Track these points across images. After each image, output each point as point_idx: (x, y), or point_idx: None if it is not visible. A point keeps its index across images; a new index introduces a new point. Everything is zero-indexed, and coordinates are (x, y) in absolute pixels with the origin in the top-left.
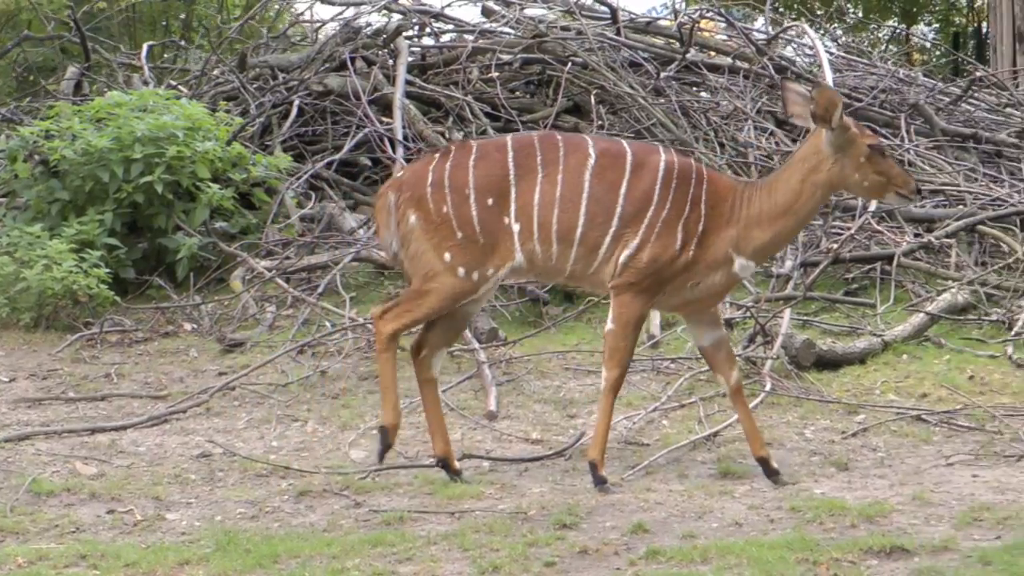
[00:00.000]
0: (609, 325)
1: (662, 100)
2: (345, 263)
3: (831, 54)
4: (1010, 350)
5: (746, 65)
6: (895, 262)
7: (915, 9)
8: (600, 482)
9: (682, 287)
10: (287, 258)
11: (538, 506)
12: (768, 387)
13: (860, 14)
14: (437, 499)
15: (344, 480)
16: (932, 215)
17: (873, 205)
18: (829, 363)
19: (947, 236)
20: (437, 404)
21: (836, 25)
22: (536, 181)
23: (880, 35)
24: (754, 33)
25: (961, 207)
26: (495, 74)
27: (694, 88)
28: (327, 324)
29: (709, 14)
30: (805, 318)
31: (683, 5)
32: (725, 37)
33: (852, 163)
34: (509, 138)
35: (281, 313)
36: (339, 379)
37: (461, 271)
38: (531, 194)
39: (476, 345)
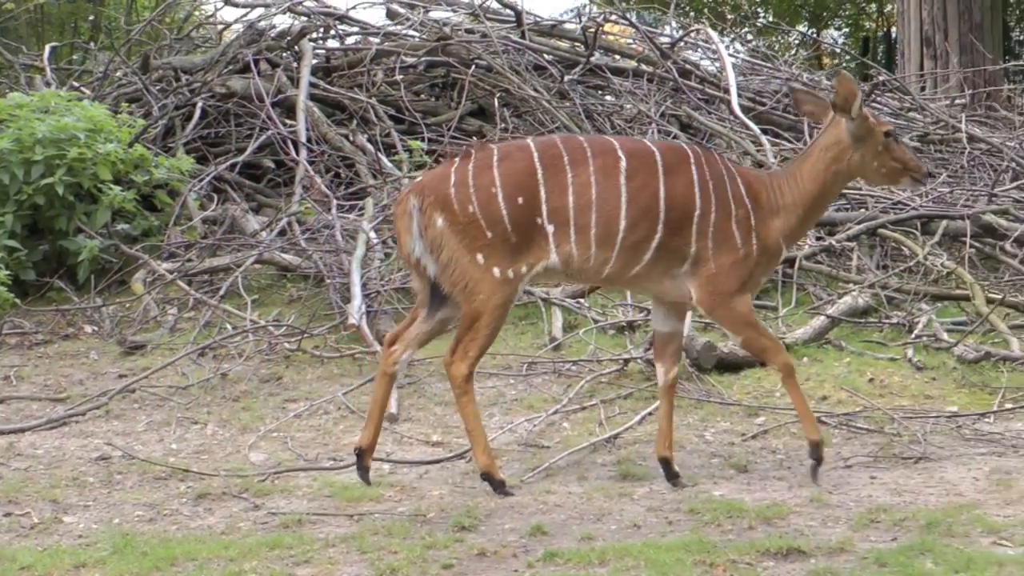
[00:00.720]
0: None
1: (567, 103)
2: (247, 265)
3: (736, 58)
4: (910, 353)
5: (650, 68)
6: (797, 265)
7: (825, 14)
8: (820, 462)
9: (757, 283)
10: (189, 260)
11: (437, 508)
12: None
13: (770, 18)
14: (336, 502)
15: (243, 483)
16: (834, 218)
17: None
18: (730, 365)
19: (849, 239)
20: (386, 399)
21: (746, 29)
22: (567, 182)
23: (790, 40)
24: (659, 37)
25: (863, 210)
26: (399, 76)
27: (599, 91)
28: (228, 327)
29: (613, 17)
30: (707, 321)
31: (588, 8)
32: (631, 41)
33: (871, 151)
34: (530, 140)
35: (182, 315)
36: (240, 382)
37: (496, 271)
38: (564, 196)
39: (378, 347)
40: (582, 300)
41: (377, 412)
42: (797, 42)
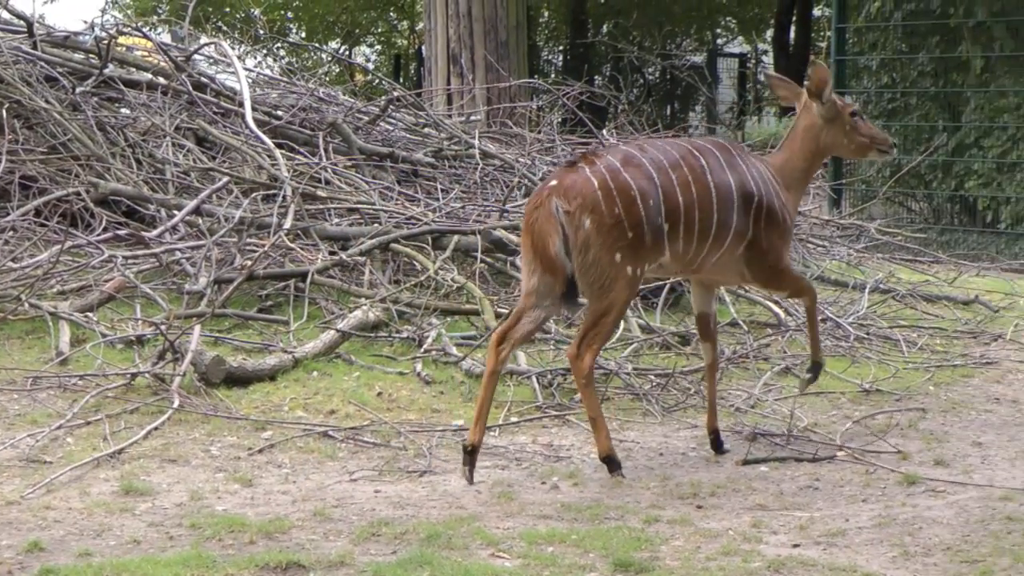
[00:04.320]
0: (785, 293)
1: (80, 115)
2: None
3: (253, 72)
4: (419, 367)
5: (165, 82)
6: (309, 279)
7: (357, 31)
8: (816, 370)
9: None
10: None
11: None
12: (176, 404)
13: (303, 35)
14: None
15: None
16: (347, 233)
17: (288, 222)
18: (239, 380)
19: (361, 254)
20: (492, 397)
21: (279, 45)
22: (674, 184)
23: (324, 56)
24: (174, 50)
25: (376, 225)
26: None
27: (115, 104)
28: None
29: (127, 29)
30: (218, 335)
31: (104, 20)
32: (145, 52)
33: (840, 130)
34: (634, 147)
35: None
36: None
37: (629, 270)
38: (675, 196)
39: None
40: (90, 314)
41: (485, 411)
42: (329, 58)
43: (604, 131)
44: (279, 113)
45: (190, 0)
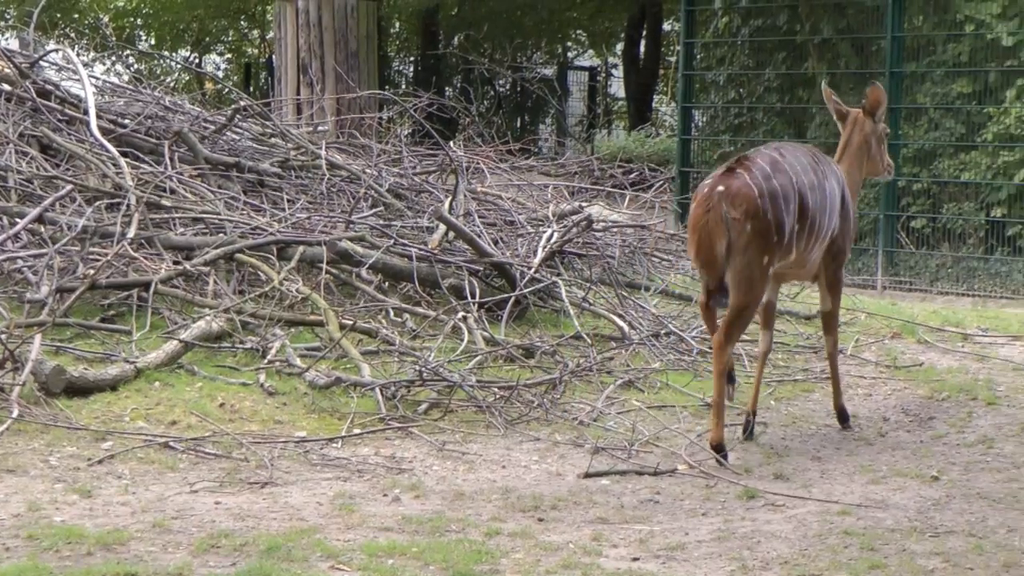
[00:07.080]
0: (828, 304)
1: None
2: None
3: (100, 80)
4: (262, 378)
5: (8, 88)
6: (152, 289)
7: (207, 39)
8: (845, 420)
9: None
10: None
11: None
12: (15, 413)
13: (152, 42)
14: None
15: None
16: (192, 243)
17: (132, 231)
18: (80, 390)
19: (205, 264)
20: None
21: (128, 53)
22: (806, 189)
23: (174, 64)
24: (18, 56)
25: (221, 235)
26: None
27: None
28: None
29: None
30: (59, 344)
31: None
32: None
33: (879, 148)
34: (775, 152)
35: None
36: None
37: (769, 270)
38: (807, 200)
39: None
40: None
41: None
42: (180, 66)
43: (452, 143)
44: (125, 121)
45: (35, 6)
